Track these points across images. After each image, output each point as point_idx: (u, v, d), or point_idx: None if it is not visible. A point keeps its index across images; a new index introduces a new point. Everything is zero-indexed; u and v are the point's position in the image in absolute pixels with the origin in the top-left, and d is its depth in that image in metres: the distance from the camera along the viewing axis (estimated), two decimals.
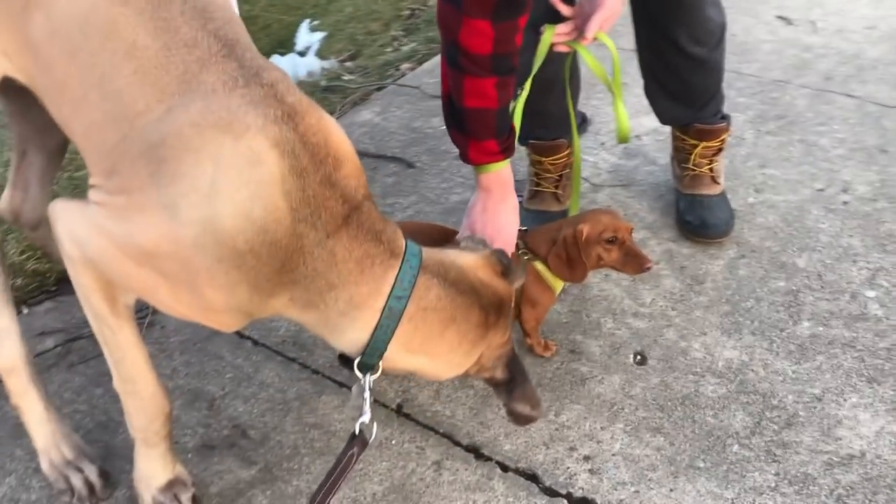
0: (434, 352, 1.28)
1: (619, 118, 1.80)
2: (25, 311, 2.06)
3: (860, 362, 1.73)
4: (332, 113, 2.92)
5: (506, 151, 1.64)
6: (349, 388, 1.75)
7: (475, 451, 1.60)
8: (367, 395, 1.27)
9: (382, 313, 1.21)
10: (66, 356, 1.91)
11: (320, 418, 1.70)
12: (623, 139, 1.84)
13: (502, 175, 1.66)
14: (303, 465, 1.59)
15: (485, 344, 1.32)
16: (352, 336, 1.24)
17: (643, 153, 2.51)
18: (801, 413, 1.62)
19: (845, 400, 1.65)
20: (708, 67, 1.97)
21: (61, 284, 2.12)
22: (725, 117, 2.14)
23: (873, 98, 2.72)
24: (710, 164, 2.15)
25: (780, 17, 3.38)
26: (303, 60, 3.97)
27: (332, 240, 1.16)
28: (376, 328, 1.21)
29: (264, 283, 1.16)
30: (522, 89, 1.75)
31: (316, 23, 4.32)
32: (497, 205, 1.66)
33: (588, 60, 1.74)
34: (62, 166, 1.97)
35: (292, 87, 1.21)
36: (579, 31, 1.70)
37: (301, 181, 1.13)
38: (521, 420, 1.40)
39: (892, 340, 1.77)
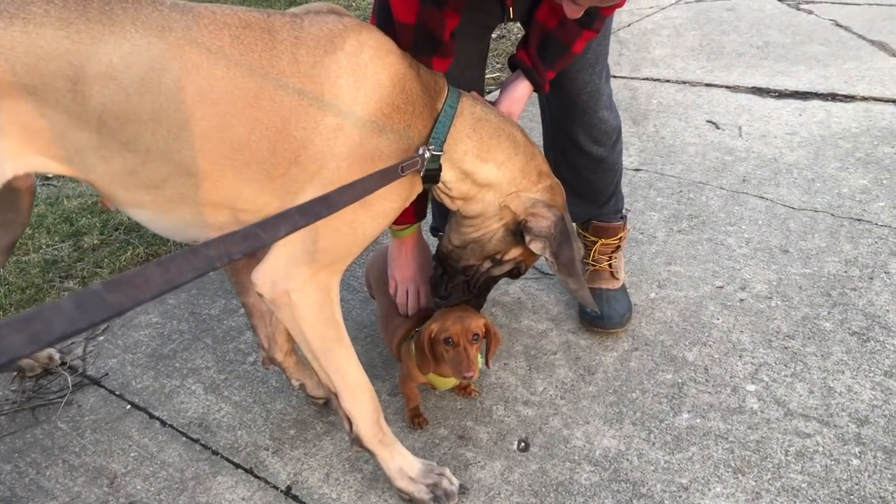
0: (492, 157, 1.67)
1: None
2: None
3: (730, 453, 1.82)
4: None
5: (418, 215, 1.94)
6: (244, 470, 1.84)
7: None
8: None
9: (441, 112, 1.61)
10: None
11: (212, 498, 1.77)
12: None
13: (414, 236, 1.97)
14: None
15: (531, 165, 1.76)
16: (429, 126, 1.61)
17: None
18: (666, 502, 1.70)
19: (710, 489, 1.73)
20: (606, 166, 2.13)
21: None
22: (623, 217, 2.29)
23: (783, 200, 2.87)
24: (609, 260, 2.28)
25: (710, 122, 3.58)
26: None
27: (421, 77, 1.57)
28: (436, 120, 1.61)
29: (416, 122, 1.54)
30: None
31: None
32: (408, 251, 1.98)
33: None
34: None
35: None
36: None
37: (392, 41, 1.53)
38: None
39: (762, 433, 1.86)
